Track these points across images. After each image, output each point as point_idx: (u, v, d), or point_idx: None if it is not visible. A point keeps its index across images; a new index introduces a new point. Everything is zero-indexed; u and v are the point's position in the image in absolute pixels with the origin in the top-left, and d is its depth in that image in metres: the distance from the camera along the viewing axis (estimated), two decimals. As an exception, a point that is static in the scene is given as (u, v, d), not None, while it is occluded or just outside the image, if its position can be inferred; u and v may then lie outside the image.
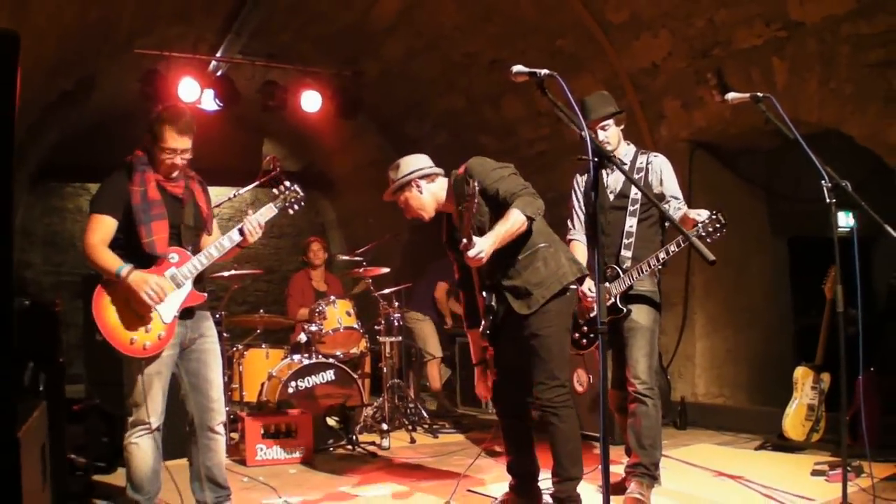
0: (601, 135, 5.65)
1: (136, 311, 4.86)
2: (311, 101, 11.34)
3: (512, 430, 5.45)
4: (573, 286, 5.22)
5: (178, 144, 4.94)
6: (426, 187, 5.40)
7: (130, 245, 4.94)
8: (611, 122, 5.73)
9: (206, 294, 5.10)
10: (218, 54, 10.99)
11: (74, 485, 5.84)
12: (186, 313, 5.06)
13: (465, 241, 4.69)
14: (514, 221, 4.86)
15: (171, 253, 4.97)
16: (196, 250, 5.11)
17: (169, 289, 4.93)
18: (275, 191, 5.41)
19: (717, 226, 5.27)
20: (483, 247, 4.71)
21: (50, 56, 8.57)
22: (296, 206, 5.43)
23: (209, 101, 10.71)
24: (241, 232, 5.10)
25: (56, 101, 10.41)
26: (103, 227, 4.93)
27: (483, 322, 5.23)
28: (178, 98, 10.20)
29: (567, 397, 5.09)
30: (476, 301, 5.41)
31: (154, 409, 5.01)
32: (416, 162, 5.48)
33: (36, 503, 3.27)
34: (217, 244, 5.08)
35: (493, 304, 5.19)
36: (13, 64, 2.68)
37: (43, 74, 8.91)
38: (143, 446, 5.02)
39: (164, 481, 5.17)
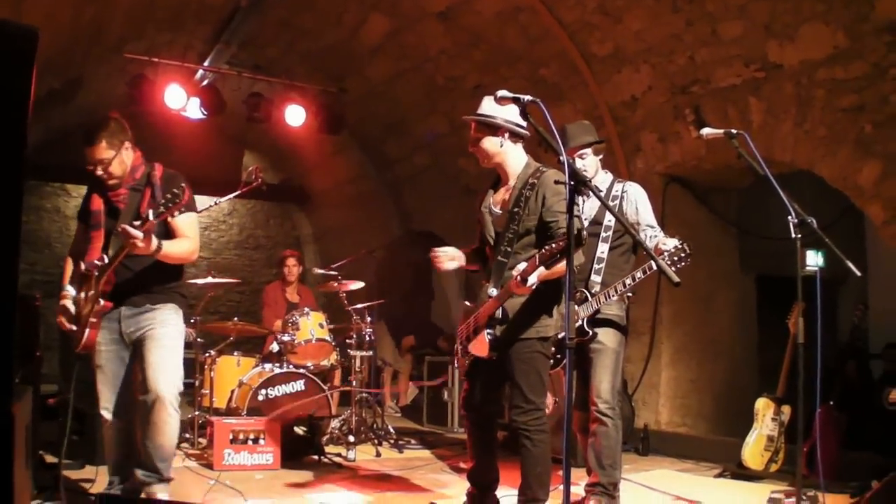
0: (579, 163, 5.71)
1: None
2: (295, 115, 11.37)
3: (478, 438, 5.49)
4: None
5: (90, 158, 5.23)
6: (507, 144, 5.23)
7: None
8: (589, 151, 5.83)
9: (102, 301, 5.18)
10: (206, 63, 11.07)
11: (44, 479, 5.88)
12: (113, 313, 5.34)
13: (521, 266, 4.75)
14: (563, 266, 4.64)
15: (97, 260, 5.20)
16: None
17: (89, 296, 5.24)
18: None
19: (683, 255, 5.33)
20: (533, 281, 4.75)
21: (41, 53, 8.68)
22: (173, 209, 4.92)
23: (194, 110, 10.77)
24: None
25: (43, 98, 10.47)
26: (77, 232, 5.63)
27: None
28: (163, 104, 10.31)
29: (542, 422, 5.13)
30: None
31: (105, 400, 5.39)
32: (514, 112, 5.16)
33: (21, 480, 3.36)
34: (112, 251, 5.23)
35: (498, 314, 5.13)
36: (30, 60, 2.75)
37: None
38: (105, 438, 5.48)
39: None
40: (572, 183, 3.88)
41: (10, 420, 2.89)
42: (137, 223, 4.93)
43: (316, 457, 7.93)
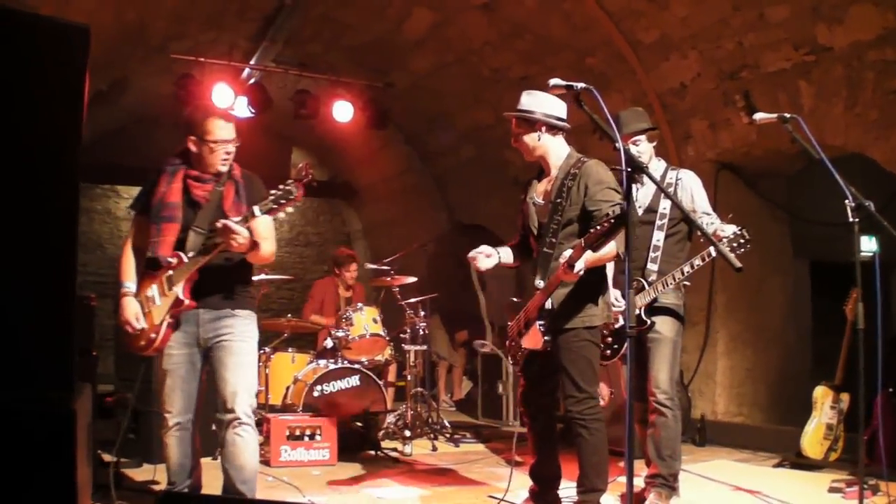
0: (633, 150, 5.69)
1: None
2: (343, 111, 11.37)
3: (538, 434, 5.51)
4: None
5: (226, 134, 5.04)
6: (545, 137, 5.27)
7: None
8: (643, 137, 5.80)
9: (187, 301, 4.94)
10: (252, 61, 11.08)
11: (101, 476, 5.91)
12: (190, 315, 5.07)
13: (567, 253, 4.77)
14: (609, 252, 4.89)
15: (171, 257, 4.96)
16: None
17: (164, 295, 4.99)
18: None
19: (742, 241, 5.30)
20: (581, 267, 4.76)
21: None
22: (285, 205, 4.79)
23: (242, 108, 10.77)
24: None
25: (91, 99, 10.51)
26: (136, 225, 5.25)
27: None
28: (211, 103, 10.32)
29: (597, 410, 5.16)
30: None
31: (171, 404, 5.11)
32: (552, 106, 5.27)
33: (83, 477, 3.37)
34: (198, 250, 4.97)
35: (548, 305, 5.16)
36: (84, 57, 2.74)
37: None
38: (169, 441, 5.14)
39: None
40: (629, 169, 3.86)
41: (73, 417, 2.90)
42: (238, 219, 4.80)
43: (372, 452, 7.97)
